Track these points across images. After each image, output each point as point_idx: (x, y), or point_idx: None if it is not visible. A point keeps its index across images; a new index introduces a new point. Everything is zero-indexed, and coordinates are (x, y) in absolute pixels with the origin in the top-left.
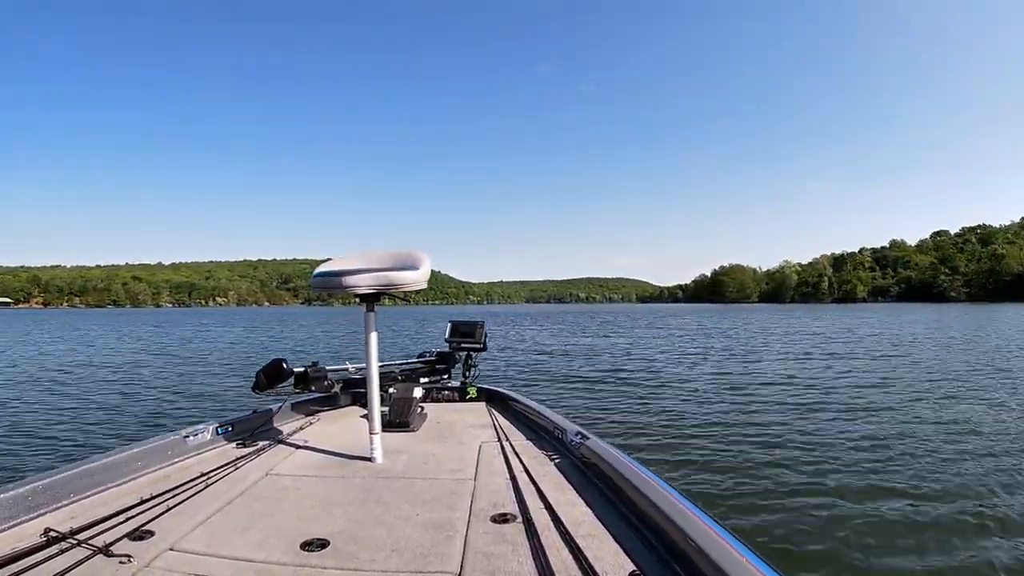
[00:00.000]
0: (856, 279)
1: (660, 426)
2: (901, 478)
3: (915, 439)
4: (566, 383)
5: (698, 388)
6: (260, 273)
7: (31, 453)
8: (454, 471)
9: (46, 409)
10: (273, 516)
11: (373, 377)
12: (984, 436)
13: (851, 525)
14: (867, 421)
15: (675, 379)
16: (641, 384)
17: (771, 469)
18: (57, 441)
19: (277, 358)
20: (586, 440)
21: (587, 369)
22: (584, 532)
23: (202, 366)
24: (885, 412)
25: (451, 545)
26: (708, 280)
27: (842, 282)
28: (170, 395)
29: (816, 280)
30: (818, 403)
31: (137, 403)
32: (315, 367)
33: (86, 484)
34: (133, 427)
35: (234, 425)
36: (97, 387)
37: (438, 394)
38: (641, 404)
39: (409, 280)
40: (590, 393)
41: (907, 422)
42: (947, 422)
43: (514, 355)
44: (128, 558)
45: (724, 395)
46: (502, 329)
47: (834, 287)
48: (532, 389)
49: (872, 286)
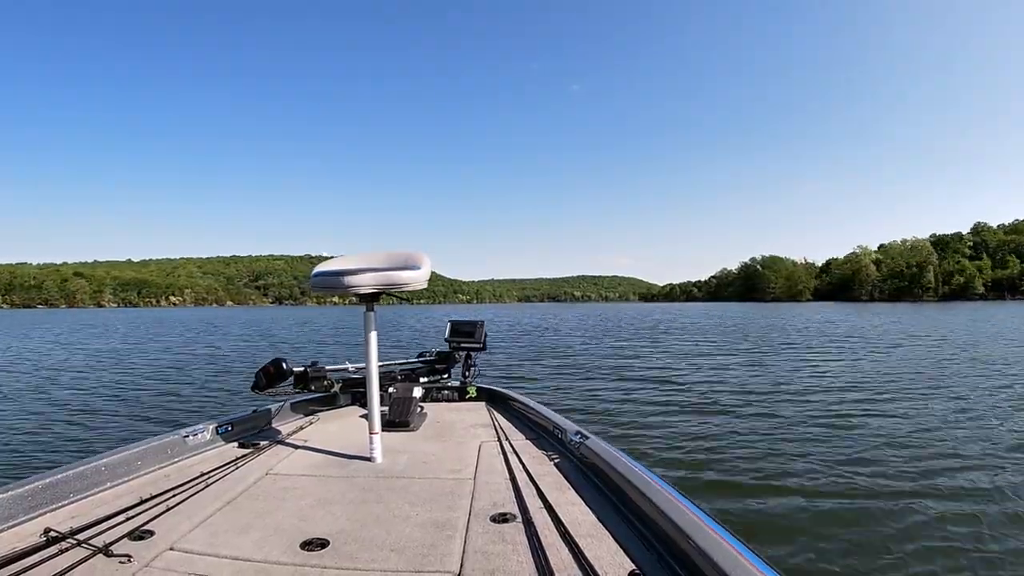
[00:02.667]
0: (971, 270)
1: (660, 426)
2: (910, 475)
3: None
4: (565, 382)
5: (702, 389)
6: (231, 270)
7: (31, 453)
8: (454, 471)
9: (45, 410)
10: (273, 516)
11: (373, 377)
12: None
13: (852, 525)
14: (873, 423)
15: (677, 380)
16: (641, 384)
17: (772, 469)
18: (56, 441)
19: (277, 357)
20: (586, 440)
21: (587, 368)
22: (584, 532)
23: (202, 366)
24: (898, 404)
25: (451, 545)
26: (736, 275)
27: (946, 273)
28: (169, 395)
29: (914, 272)
30: (820, 404)
31: (136, 403)
32: (315, 367)
33: (86, 484)
34: (132, 427)
35: (234, 425)
36: (97, 387)
37: (438, 394)
38: (641, 404)
39: (410, 280)
40: (589, 392)
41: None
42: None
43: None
44: (128, 558)
45: (728, 396)
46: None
47: (939, 280)
48: (531, 388)
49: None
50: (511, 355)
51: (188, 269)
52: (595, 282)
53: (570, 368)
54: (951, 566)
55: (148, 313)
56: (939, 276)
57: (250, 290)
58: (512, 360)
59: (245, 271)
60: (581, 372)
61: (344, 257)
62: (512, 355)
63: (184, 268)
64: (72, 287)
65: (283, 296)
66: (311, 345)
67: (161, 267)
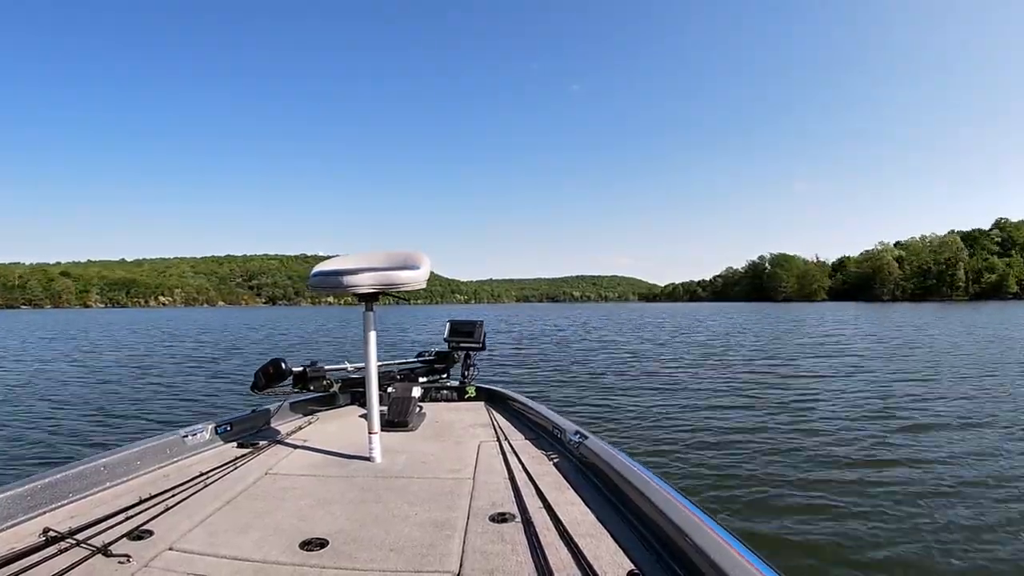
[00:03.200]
0: (1002, 267)
1: (659, 426)
2: (913, 473)
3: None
4: (564, 382)
5: (702, 388)
6: (224, 270)
7: (29, 453)
8: (453, 470)
9: (43, 410)
10: (272, 515)
11: (372, 376)
12: None
13: (853, 526)
14: (877, 424)
15: (677, 381)
16: (642, 384)
17: (772, 469)
18: (56, 441)
19: (276, 357)
20: (585, 439)
21: (586, 368)
22: (583, 531)
23: (201, 365)
24: (898, 418)
25: (450, 544)
26: (743, 274)
27: (974, 271)
28: (168, 394)
29: (942, 270)
30: (821, 403)
31: (135, 402)
32: (314, 366)
33: (85, 484)
34: (132, 427)
35: (233, 425)
36: (96, 387)
37: (437, 393)
38: (641, 405)
39: (409, 279)
40: (589, 392)
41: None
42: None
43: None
44: (127, 558)
45: (730, 397)
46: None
47: (970, 279)
48: (530, 388)
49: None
50: (513, 356)
51: (180, 269)
52: (594, 282)
53: (581, 368)
54: (954, 568)
55: (131, 314)
56: (969, 274)
57: (242, 290)
58: (513, 360)
59: (239, 271)
60: (593, 373)
61: (343, 257)
62: (514, 356)
63: (176, 268)
64: (58, 287)
65: (276, 296)
66: (304, 345)
67: (154, 267)
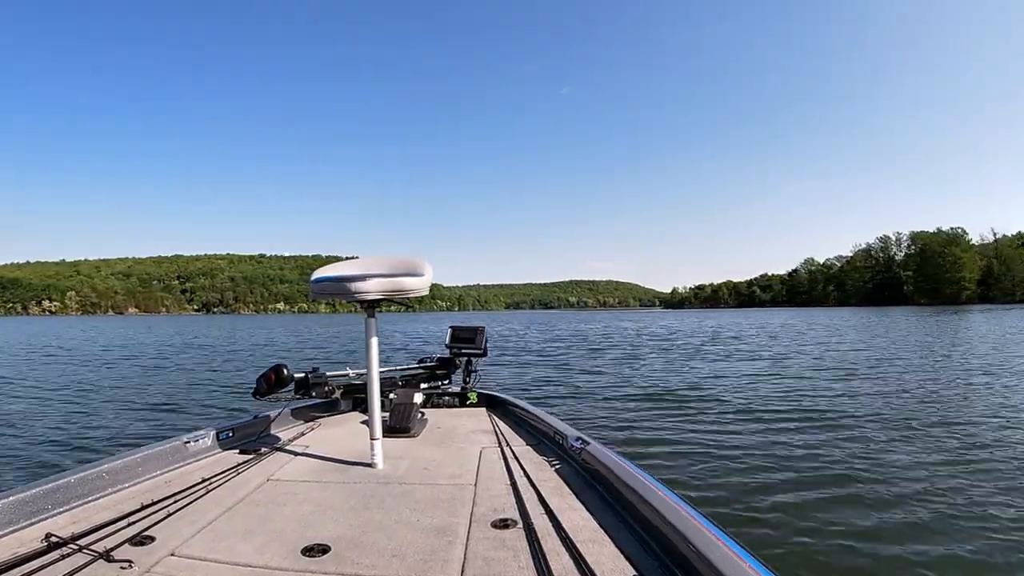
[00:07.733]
0: None
1: (661, 431)
2: (914, 481)
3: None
4: (566, 388)
5: (701, 395)
6: (161, 270)
7: (31, 458)
8: (455, 477)
9: (46, 415)
10: (274, 521)
11: (374, 382)
12: None
13: (859, 534)
14: (884, 432)
15: (678, 385)
16: (644, 390)
17: (774, 475)
18: (58, 446)
19: (278, 363)
20: (587, 445)
21: (589, 375)
22: (585, 537)
23: (202, 371)
24: (879, 419)
25: (452, 551)
26: (858, 267)
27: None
28: (170, 401)
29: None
30: (816, 413)
31: (137, 409)
32: (316, 373)
33: (87, 489)
34: (134, 433)
35: (235, 431)
36: (97, 392)
37: (439, 400)
38: (642, 410)
39: (415, 286)
40: (590, 398)
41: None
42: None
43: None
44: (129, 563)
45: (729, 399)
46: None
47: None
48: (531, 395)
49: None
50: (513, 362)
51: (88, 269)
52: (590, 287)
53: (588, 377)
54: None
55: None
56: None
57: (166, 294)
58: (515, 367)
59: (177, 271)
60: (583, 379)
61: (343, 263)
62: (515, 362)
63: (85, 268)
64: None
65: (212, 302)
66: (310, 352)
67: (61, 270)
